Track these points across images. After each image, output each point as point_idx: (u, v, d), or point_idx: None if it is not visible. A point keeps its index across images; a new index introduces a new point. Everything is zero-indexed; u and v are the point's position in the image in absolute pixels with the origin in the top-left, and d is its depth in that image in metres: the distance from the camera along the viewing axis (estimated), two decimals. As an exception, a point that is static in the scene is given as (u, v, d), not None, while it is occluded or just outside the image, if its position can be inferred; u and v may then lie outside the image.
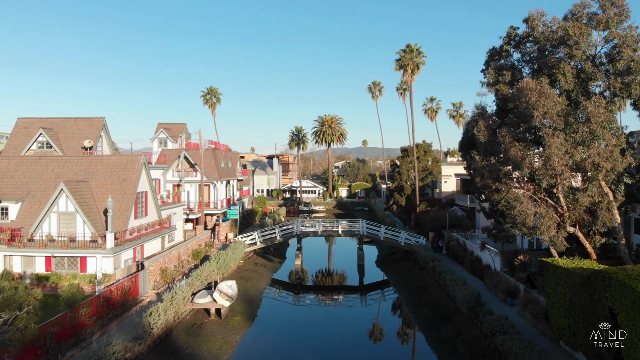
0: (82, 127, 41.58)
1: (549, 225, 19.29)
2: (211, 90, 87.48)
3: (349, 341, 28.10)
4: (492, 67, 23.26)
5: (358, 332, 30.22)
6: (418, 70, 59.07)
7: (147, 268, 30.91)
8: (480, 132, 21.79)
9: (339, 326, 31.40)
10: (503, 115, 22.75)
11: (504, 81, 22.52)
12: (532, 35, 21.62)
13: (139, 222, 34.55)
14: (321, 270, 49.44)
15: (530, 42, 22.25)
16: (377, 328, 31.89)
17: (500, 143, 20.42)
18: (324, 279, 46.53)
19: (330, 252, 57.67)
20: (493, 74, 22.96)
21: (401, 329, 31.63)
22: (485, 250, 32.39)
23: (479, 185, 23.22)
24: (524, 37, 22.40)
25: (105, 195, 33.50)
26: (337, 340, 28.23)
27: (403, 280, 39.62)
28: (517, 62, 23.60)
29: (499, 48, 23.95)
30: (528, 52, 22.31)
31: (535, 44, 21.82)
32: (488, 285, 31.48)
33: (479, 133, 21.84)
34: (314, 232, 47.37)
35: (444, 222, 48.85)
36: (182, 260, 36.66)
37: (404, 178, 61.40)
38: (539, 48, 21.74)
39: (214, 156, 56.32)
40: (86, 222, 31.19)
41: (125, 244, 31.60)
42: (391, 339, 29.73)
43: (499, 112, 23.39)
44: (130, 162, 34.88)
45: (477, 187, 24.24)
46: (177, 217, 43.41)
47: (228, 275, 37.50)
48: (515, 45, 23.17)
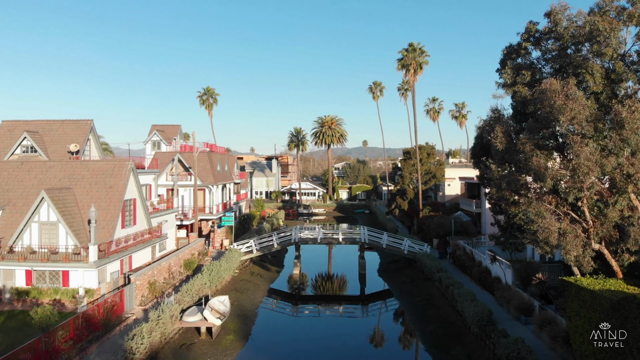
0: (68, 130, 39.45)
1: (575, 244, 17.21)
2: (208, 90, 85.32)
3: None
4: (509, 66, 21.12)
5: (360, 348, 28.19)
6: (421, 70, 56.95)
7: (134, 282, 28.83)
8: (497, 139, 19.68)
9: (339, 342, 29.36)
10: (521, 120, 20.66)
11: (522, 82, 20.40)
12: (554, 30, 19.52)
13: (126, 232, 32.49)
14: (321, 278, 47.39)
15: (552, 38, 20.12)
16: (380, 344, 29.88)
17: (519, 151, 18.35)
18: (324, 288, 44.51)
19: (330, 259, 55.62)
20: (510, 74, 20.83)
21: (406, 347, 29.58)
22: (496, 262, 30.29)
23: (494, 197, 21.11)
24: (546, 33, 20.27)
25: (90, 203, 31.41)
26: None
27: (407, 291, 37.53)
28: (536, 60, 21.47)
29: (516, 45, 21.80)
30: (549, 49, 20.19)
31: (558, 41, 19.71)
32: (499, 300, 29.39)
33: (496, 140, 19.74)
34: (313, 239, 45.31)
35: (449, 229, 46.77)
36: (172, 271, 34.59)
37: (406, 181, 59.31)
38: (562, 45, 19.64)
39: (210, 159, 54.23)
40: (69, 232, 29.13)
41: (110, 256, 29.54)
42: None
43: (517, 116, 21.25)
44: (117, 167, 32.80)
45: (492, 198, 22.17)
46: (169, 225, 41.34)
47: (221, 288, 35.42)
48: (534, 42, 21.04)
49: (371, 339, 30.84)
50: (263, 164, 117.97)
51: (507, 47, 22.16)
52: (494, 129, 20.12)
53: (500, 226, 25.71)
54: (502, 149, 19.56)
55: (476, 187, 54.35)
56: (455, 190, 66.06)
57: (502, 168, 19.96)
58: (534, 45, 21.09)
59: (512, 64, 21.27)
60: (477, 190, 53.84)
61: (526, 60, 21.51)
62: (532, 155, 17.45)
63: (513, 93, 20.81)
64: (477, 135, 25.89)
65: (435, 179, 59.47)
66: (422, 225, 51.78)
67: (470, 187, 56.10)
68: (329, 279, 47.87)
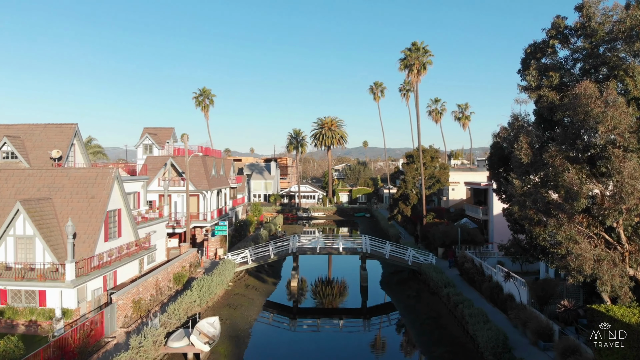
0: (51, 134, 37.10)
1: (613, 274, 14.86)
2: (204, 91, 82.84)
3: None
4: (533, 67, 18.70)
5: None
6: (425, 70, 54.58)
7: (115, 303, 26.45)
8: (522, 151, 17.32)
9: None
10: (546, 128, 18.29)
11: (549, 85, 18.02)
12: (587, 26, 17.14)
13: (110, 245, 30.15)
14: (320, 290, 45.05)
15: (583, 35, 17.71)
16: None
17: (547, 164, 16.02)
18: (323, 300, 42.23)
19: (329, 269, 53.21)
20: (535, 76, 18.44)
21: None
22: (510, 280, 27.91)
23: (516, 216, 18.73)
24: (577, 29, 17.87)
25: (71, 214, 29.09)
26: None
27: (412, 307, 35.16)
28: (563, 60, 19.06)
29: (541, 43, 19.37)
30: (580, 48, 17.79)
31: (589, 38, 17.32)
32: (513, 321, 27.01)
33: (520, 152, 17.38)
34: (312, 249, 42.98)
35: (455, 237, 44.45)
36: (160, 287, 32.23)
37: (409, 186, 56.92)
38: (594, 43, 17.25)
39: (204, 163, 51.87)
40: (46, 248, 26.79)
41: (91, 273, 27.21)
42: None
43: (542, 124, 18.82)
44: (100, 176, 30.45)
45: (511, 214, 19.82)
46: (159, 234, 38.99)
47: (213, 305, 33.05)
48: (562, 40, 18.63)
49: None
50: (261, 166, 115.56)
51: (530, 45, 19.71)
52: (517, 138, 17.73)
53: (521, 247, 23.29)
54: (528, 162, 17.20)
55: (482, 193, 51.99)
56: (459, 194, 63.70)
57: (525, 183, 17.59)
58: (561, 43, 18.68)
59: (536, 65, 18.85)
60: (484, 196, 51.49)
61: (553, 60, 19.11)
62: (564, 171, 15.12)
63: (538, 97, 18.38)
64: (493, 143, 23.49)
65: (439, 183, 57.10)
66: (426, 233, 49.42)
67: (477, 192, 53.75)
68: (329, 291, 45.58)
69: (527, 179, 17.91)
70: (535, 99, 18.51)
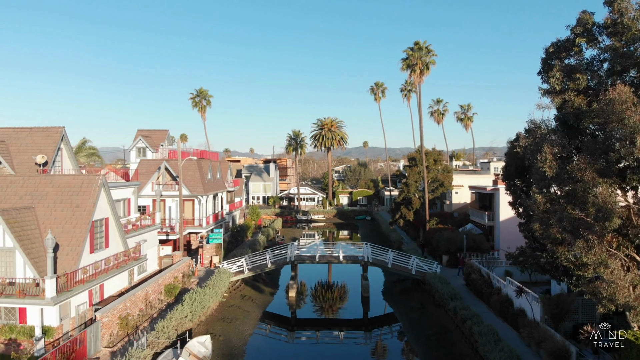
0: (37, 138, 35.28)
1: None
2: (200, 92, 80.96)
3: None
4: (557, 68, 16.88)
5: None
6: (428, 70, 52.80)
7: (99, 321, 24.69)
8: (546, 163, 15.52)
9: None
10: (570, 136, 16.49)
11: (576, 88, 16.23)
12: (619, 22, 15.35)
13: (96, 257, 28.43)
14: (319, 300, 43.30)
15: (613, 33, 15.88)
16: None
17: (575, 179, 14.24)
18: (323, 309, 40.52)
19: (329, 276, 51.40)
20: (560, 78, 16.64)
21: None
22: (522, 296, 26.14)
23: (537, 234, 16.93)
24: (607, 26, 16.03)
25: (54, 224, 27.39)
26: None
27: (416, 320, 33.39)
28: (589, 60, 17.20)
29: (565, 41, 17.55)
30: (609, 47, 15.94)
31: (620, 36, 15.52)
32: (526, 340, 25.27)
33: (544, 164, 15.58)
34: (311, 257, 41.23)
35: (460, 244, 42.70)
36: (150, 300, 30.48)
37: (411, 190, 55.15)
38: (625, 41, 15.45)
39: (199, 167, 50.11)
40: (26, 261, 25.04)
41: (75, 288, 25.47)
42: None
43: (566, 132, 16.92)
44: (85, 183, 28.70)
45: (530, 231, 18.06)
46: (151, 243, 37.24)
47: (206, 319, 31.28)
48: (589, 38, 16.78)
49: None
50: (260, 167, 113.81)
51: (553, 43, 17.84)
52: (540, 148, 15.93)
53: (540, 266, 21.50)
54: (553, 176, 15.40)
55: (488, 198, 50.25)
56: (463, 198, 61.96)
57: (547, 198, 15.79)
58: (589, 42, 16.83)
59: (560, 66, 17.02)
60: (489, 201, 49.74)
61: (579, 60, 17.29)
62: (593, 186, 13.38)
63: (562, 102, 16.58)
64: (509, 152, 21.68)
65: (442, 187, 55.32)
66: (429, 239, 47.65)
67: (482, 197, 51.99)
68: (329, 300, 43.94)
69: (550, 193, 16.11)
70: (559, 104, 16.69)
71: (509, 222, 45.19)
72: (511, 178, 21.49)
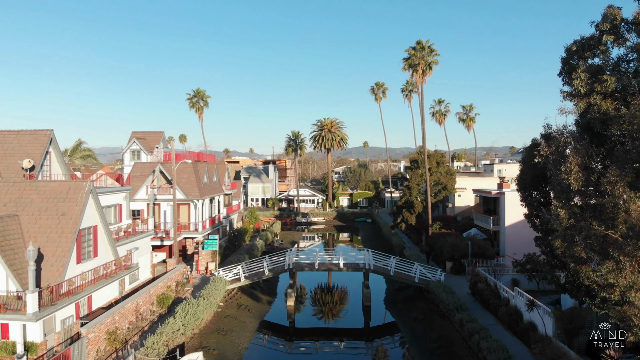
0: (24, 142, 33.81)
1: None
2: (198, 92, 79.40)
3: None
4: (582, 68, 15.36)
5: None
6: (430, 70, 51.28)
7: (85, 337, 23.25)
8: (572, 175, 14.03)
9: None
10: (595, 143, 14.98)
11: (603, 91, 14.75)
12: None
13: (83, 268, 27.00)
14: (319, 308, 41.86)
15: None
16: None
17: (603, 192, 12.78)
18: (322, 316, 39.13)
19: (329, 282, 49.92)
20: (585, 80, 15.14)
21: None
22: (533, 310, 24.69)
23: (558, 252, 15.44)
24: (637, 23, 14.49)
25: (38, 233, 25.98)
26: None
27: (420, 332, 31.95)
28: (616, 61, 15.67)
29: (589, 39, 16.01)
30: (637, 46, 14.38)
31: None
32: (537, 357, 23.78)
33: (569, 175, 14.07)
34: (310, 265, 39.79)
35: (465, 251, 41.26)
36: (142, 312, 29.04)
37: (413, 193, 53.69)
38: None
39: (195, 170, 48.66)
40: (8, 273, 23.61)
41: (59, 302, 24.01)
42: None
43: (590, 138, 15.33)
44: (72, 190, 27.25)
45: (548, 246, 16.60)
46: (143, 250, 35.81)
47: (200, 331, 29.83)
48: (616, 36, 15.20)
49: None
50: (259, 169, 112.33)
51: (575, 41, 16.29)
52: (564, 157, 14.44)
53: (558, 283, 20.01)
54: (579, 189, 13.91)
55: (492, 201, 48.81)
56: (466, 201, 60.51)
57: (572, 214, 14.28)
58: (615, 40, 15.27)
59: (585, 66, 15.50)
60: (494, 205, 48.30)
61: (605, 59, 15.75)
62: (629, 203, 11.89)
63: (586, 106, 15.07)
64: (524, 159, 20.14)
65: (445, 190, 53.88)
66: (432, 245, 46.20)
67: (486, 201, 50.54)
68: (329, 308, 42.55)
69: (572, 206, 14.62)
70: (583, 108, 15.17)
71: (515, 227, 43.77)
72: (527, 188, 19.99)
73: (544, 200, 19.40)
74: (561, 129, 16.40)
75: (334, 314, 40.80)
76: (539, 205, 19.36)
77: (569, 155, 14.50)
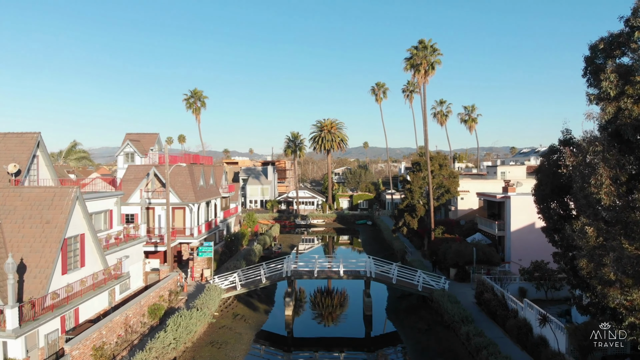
0: (11, 145, 32.37)
1: None
2: (195, 93, 77.91)
3: None
4: (611, 69, 13.89)
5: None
6: (433, 70, 49.92)
7: (69, 354, 21.85)
8: (603, 189, 12.60)
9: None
10: (624, 151, 13.55)
11: (635, 94, 13.28)
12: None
13: (69, 279, 25.63)
14: (318, 315, 40.45)
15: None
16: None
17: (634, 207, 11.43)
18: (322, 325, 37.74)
19: (329, 288, 48.50)
20: (614, 82, 13.70)
21: None
22: (546, 325, 23.29)
23: (583, 272, 14.03)
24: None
25: (22, 243, 24.61)
26: None
27: (424, 343, 30.54)
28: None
29: (617, 36, 14.56)
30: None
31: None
32: (549, 374, 22.44)
33: (599, 189, 12.65)
34: (309, 272, 38.37)
35: (470, 257, 39.87)
36: (132, 324, 27.64)
37: (415, 197, 52.28)
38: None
39: (191, 173, 47.29)
40: (-12, 285, 22.20)
41: (42, 316, 22.62)
42: None
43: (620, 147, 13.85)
44: (57, 197, 25.85)
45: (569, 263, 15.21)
46: (135, 258, 34.40)
47: (193, 344, 28.40)
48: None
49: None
50: (258, 170, 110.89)
51: (602, 39, 14.77)
52: (594, 169, 12.99)
53: (579, 305, 18.59)
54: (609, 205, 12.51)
55: (497, 206, 47.40)
56: (469, 204, 59.09)
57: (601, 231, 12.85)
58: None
59: (613, 66, 14.07)
60: (498, 209, 46.90)
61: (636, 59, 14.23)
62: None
63: (616, 110, 13.60)
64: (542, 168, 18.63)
65: (448, 194, 52.46)
66: (436, 250, 44.80)
67: (490, 205, 49.13)
68: (328, 308, 41.21)
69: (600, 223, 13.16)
70: (612, 113, 13.70)
71: (521, 233, 42.39)
72: (546, 200, 18.50)
73: (564, 214, 17.96)
74: (589, 137, 14.86)
75: (333, 318, 39.45)
76: (559, 219, 17.92)
77: (598, 165, 13.06)
